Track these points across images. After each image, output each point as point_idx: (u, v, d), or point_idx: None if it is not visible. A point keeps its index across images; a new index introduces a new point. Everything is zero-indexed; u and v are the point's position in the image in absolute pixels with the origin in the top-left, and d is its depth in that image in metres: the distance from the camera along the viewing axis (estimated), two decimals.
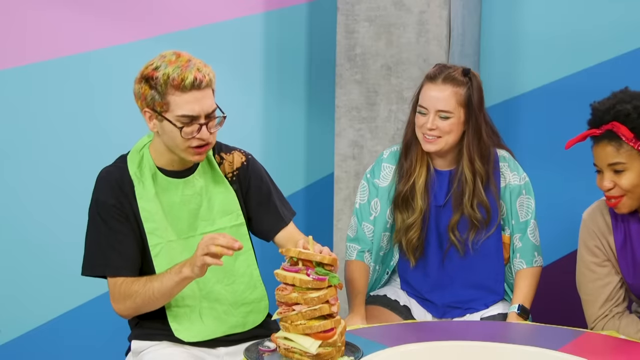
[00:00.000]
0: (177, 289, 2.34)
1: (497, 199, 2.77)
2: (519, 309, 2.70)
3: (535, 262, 2.79)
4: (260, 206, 2.55)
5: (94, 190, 2.45)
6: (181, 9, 3.65)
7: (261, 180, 2.57)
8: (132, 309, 2.40)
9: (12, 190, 3.50)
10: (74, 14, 3.52)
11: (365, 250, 2.82)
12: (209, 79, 2.35)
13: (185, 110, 2.33)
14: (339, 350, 2.10)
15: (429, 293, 2.83)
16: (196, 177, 2.48)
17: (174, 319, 2.43)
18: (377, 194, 2.82)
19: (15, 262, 3.51)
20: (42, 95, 3.52)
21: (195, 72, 2.32)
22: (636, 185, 2.42)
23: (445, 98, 2.70)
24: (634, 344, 2.34)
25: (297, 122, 3.82)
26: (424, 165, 2.78)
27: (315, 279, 2.06)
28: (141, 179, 2.43)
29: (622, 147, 2.40)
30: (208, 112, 2.35)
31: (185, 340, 2.43)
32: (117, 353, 2.71)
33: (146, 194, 2.42)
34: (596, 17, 3.54)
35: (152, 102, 2.35)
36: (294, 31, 3.79)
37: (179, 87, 2.31)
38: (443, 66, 2.77)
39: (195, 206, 2.47)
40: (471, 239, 2.77)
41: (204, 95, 2.34)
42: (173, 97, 2.32)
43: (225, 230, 2.47)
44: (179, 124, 2.34)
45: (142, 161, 2.45)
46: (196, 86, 2.32)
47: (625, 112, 2.39)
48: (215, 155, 2.53)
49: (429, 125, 2.70)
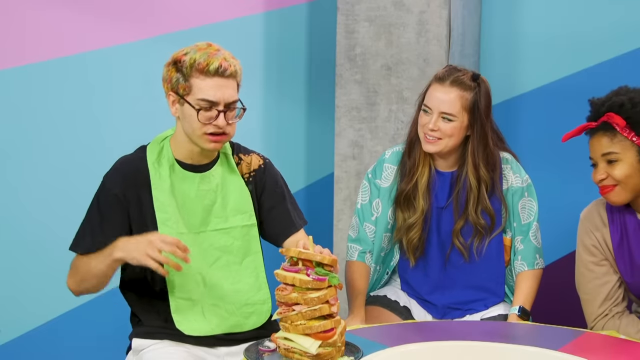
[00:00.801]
0: (109, 271, 2.38)
1: (503, 204, 2.76)
2: (520, 311, 2.70)
3: (537, 265, 2.79)
4: (272, 209, 2.57)
5: (105, 175, 2.49)
6: (181, 9, 3.65)
7: (276, 184, 2.59)
8: (76, 283, 2.45)
9: (12, 190, 3.50)
10: (74, 14, 3.52)
11: (366, 251, 2.82)
12: (234, 70, 2.40)
13: (206, 95, 2.37)
14: (339, 351, 2.10)
15: (428, 294, 2.83)
16: (213, 173, 2.50)
17: (177, 309, 2.44)
18: (379, 194, 2.82)
19: (15, 262, 3.51)
20: (42, 95, 3.52)
21: (222, 60, 2.38)
22: (629, 176, 2.43)
23: (450, 100, 2.69)
24: (634, 344, 2.34)
25: (297, 122, 3.82)
26: (426, 165, 2.78)
27: (315, 279, 2.06)
28: (158, 169, 2.46)
29: (616, 137, 2.42)
30: (228, 101, 2.39)
31: (185, 333, 2.44)
32: (117, 353, 2.71)
33: (162, 184, 2.45)
34: (596, 18, 3.54)
35: (176, 84, 2.40)
36: (294, 31, 3.78)
37: (203, 71, 2.37)
38: (454, 68, 2.77)
39: (209, 202, 2.48)
40: (476, 245, 2.77)
41: (227, 84, 2.39)
42: (196, 80, 2.37)
43: (236, 229, 2.50)
44: (197, 107, 2.37)
45: (161, 152, 2.49)
46: (220, 73, 2.37)
47: (619, 102, 2.43)
48: (234, 156, 2.56)
49: (430, 126, 2.70)
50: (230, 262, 2.49)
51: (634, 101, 2.42)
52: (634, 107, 2.42)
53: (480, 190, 2.74)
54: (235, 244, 2.50)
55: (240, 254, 2.50)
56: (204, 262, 2.46)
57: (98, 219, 2.45)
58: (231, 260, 2.49)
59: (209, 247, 2.47)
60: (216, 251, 2.48)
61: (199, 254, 2.44)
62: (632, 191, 2.46)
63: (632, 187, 2.45)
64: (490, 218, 2.76)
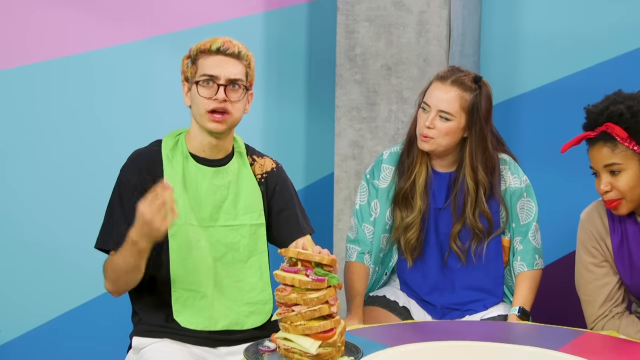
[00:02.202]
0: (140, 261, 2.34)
1: (503, 205, 2.76)
2: (519, 312, 2.69)
3: (536, 265, 2.79)
4: (281, 213, 2.58)
5: (121, 169, 2.51)
6: (181, 9, 3.65)
7: (287, 188, 2.61)
8: (112, 283, 2.43)
9: (14, 190, 3.50)
10: (77, 14, 3.53)
11: (365, 252, 2.82)
12: (238, 51, 2.46)
13: (207, 70, 2.43)
14: (338, 351, 2.10)
15: (427, 295, 2.83)
16: (227, 169, 2.52)
17: (177, 300, 2.45)
18: (377, 195, 2.82)
19: (15, 262, 3.51)
20: (45, 94, 3.52)
21: (226, 40, 2.46)
22: (633, 187, 2.42)
23: (449, 99, 2.69)
24: (634, 344, 2.34)
25: (297, 122, 3.82)
26: (424, 164, 2.78)
27: (314, 279, 2.06)
28: (172, 160, 2.48)
29: (617, 147, 2.40)
30: (229, 77, 2.43)
31: (181, 325, 2.44)
32: (117, 354, 2.71)
33: (174, 175, 2.46)
34: (596, 18, 3.54)
35: (186, 70, 2.48)
36: (294, 31, 3.78)
37: (206, 51, 2.44)
38: (456, 69, 2.77)
39: (220, 197, 2.50)
40: (473, 248, 2.77)
41: (229, 61, 2.44)
42: (201, 60, 2.45)
43: (245, 227, 2.51)
44: (199, 81, 2.43)
45: (176, 145, 2.52)
46: (222, 51, 2.44)
47: (618, 112, 2.39)
48: (248, 157, 2.58)
49: (427, 123, 2.70)
50: (236, 260, 2.50)
51: (632, 110, 2.39)
52: (633, 116, 2.39)
53: (478, 194, 2.74)
54: (243, 241, 2.51)
55: (246, 252, 2.51)
56: (210, 256, 2.47)
57: (120, 212, 2.46)
58: (237, 258, 2.50)
59: (217, 242, 2.48)
60: (223, 247, 2.49)
61: (206, 248, 2.46)
62: (637, 201, 2.45)
63: (637, 198, 2.44)
64: (487, 222, 2.76)
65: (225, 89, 2.42)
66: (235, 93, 2.44)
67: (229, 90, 2.43)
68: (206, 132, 2.47)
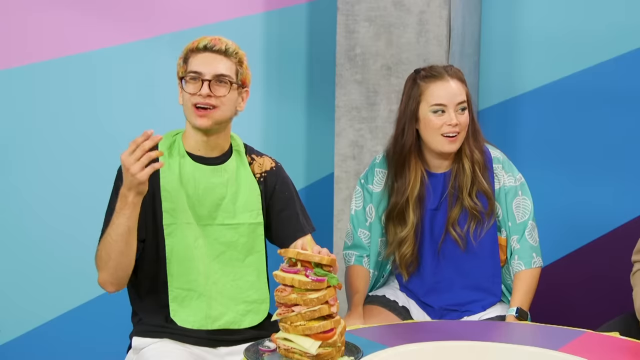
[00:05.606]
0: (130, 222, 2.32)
1: (492, 190, 2.76)
2: (517, 312, 2.69)
3: (534, 263, 2.77)
4: (281, 212, 2.58)
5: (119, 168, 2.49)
6: (181, 9, 3.65)
7: (287, 187, 2.61)
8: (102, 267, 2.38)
9: (14, 190, 3.50)
10: (76, 14, 3.53)
11: (364, 255, 2.82)
12: (225, 48, 2.45)
13: (193, 67, 2.44)
14: (338, 351, 2.10)
15: (425, 296, 2.82)
16: (225, 168, 2.52)
17: (174, 299, 2.45)
18: (372, 199, 2.82)
19: (15, 262, 3.51)
20: (45, 94, 3.52)
21: (216, 40, 2.46)
22: None
23: (459, 89, 2.72)
24: (634, 344, 2.33)
25: (297, 122, 3.82)
26: (418, 177, 2.77)
27: (314, 279, 2.06)
28: (168, 159, 2.48)
29: None
30: (214, 73, 2.43)
31: (178, 324, 2.44)
32: (117, 354, 2.71)
33: (170, 174, 2.47)
34: (596, 17, 3.54)
35: (179, 70, 2.48)
36: (294, 31, 3.79)
37: (194, 49, 2.46)
38: (436, 65, 2.79)
39: (219, 196, 2.50)
40: (472, 231, 2.76)
41: (216, 58, 2.45)
42: (191, 59, 2.46)
43: (243, 226, 2.51)
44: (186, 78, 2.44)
45: (173, 144, 2.52)
46: (209, 48, 2.45)
47: None
48: (247, 156, 2.58)
49: (453, 121, 2.69)
50: (234, 258, 2.50)
51: None
52: None
53: (475, 172, 2.74)
54: (241, 240, 2.51)
55: (244, 250, 2.51)
56: (207, 255, 2.47)
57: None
58: (234, 257, 2.50)
59: (214, 241, 2.48)
60: (221, 246, 2.49)
61: (203, 246, 2.46)
62: None
63: None
64: (487, 198, 2.74)
65: (210, 84, 2.42)
66: (221, 88, 2.44)
67: (214, 85, 2.43)
68: (196, 129, 2.47)
